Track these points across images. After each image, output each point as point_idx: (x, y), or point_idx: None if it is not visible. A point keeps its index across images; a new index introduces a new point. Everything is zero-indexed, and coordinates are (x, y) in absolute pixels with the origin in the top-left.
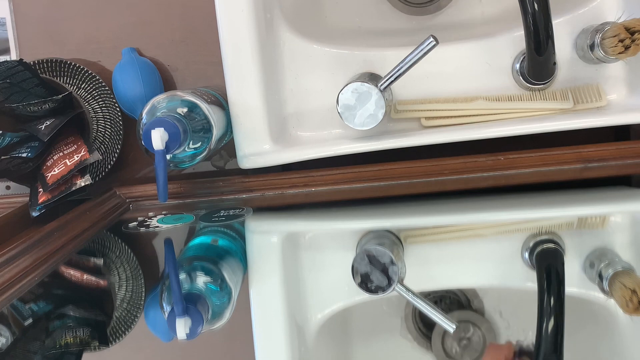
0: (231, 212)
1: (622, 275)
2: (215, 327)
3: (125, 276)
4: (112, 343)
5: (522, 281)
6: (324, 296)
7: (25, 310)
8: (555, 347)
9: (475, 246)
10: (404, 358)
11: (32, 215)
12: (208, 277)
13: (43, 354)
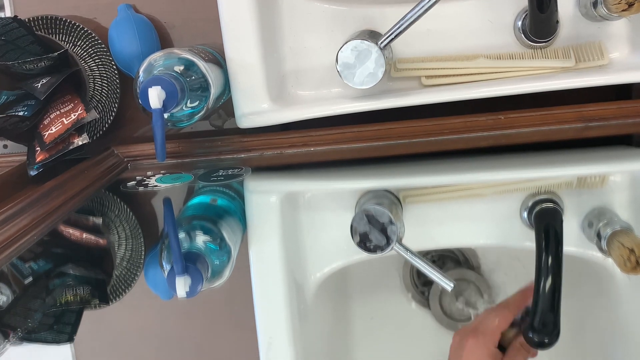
0: (230, 172)
1: (620, 234)
2: (215, 285)
3: (124, 235)
4: (112, 301)
5: (521, 240)
6: (323, 255)
7: (25, 269)
8: (552, 305)
9: (474, 206)
10: (402, 315)
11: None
12: (207, 236)
13: (44, 311)
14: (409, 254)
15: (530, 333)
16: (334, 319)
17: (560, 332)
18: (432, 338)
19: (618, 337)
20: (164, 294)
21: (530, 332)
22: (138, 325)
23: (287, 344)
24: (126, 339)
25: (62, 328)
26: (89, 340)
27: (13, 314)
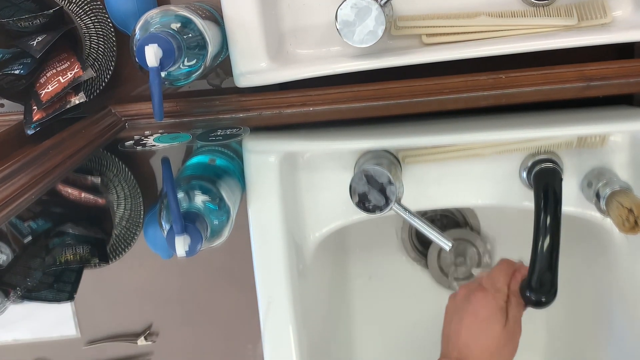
0: (228, 132)
1: (619, 194)
2: (215, 245)
3: (123, 195)
4: (112, 260)
5: (519, 200)
6: (321, 215)
7: (24, 228)
8: (550, 264)
9: (473, 166)
10: (401, 275)
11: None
12: (206, 196)
13: (44, 270)
14: (407, 214)
15: (527, 292)
16: (333, 278)
17: (557, 291)
18: (429, 296)
19: (615, 296)
20: (163, 253)
21: (527, 290)
22: (138, 284)
23: (287, 302)
24: (126, 298)
25: (63, 287)
26: (90, 298)
27: (13, 273)
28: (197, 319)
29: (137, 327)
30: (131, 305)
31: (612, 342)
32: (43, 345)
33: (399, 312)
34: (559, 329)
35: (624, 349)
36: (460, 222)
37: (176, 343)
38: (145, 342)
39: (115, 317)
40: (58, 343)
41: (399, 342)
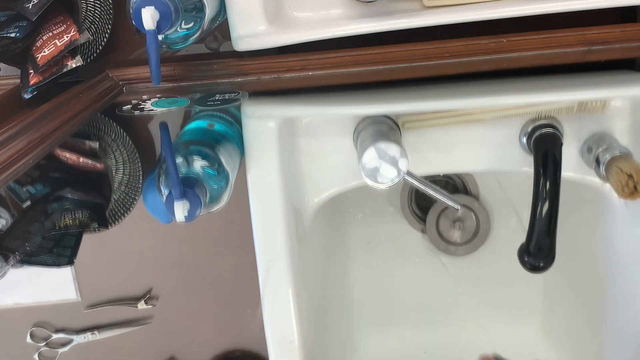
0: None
1: (619, 159)
2: (214, 210)
3: (122, 159)
4: (111, 225)
5: (519, 166)
6: (320, 180)
7: (23, 193)
8: (548, 230)
9: (473, 131)
10: (399, 240)
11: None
12: (205, 161)
13: (43, 235)
14: (416, 182)
15: (525, 257)
16: (332, 243)
17: (555, 257)
18: (427, 261)
19: (613, 261)
20: (163, 218)
21: (525, 255)
22: (138, 249)
23: (286, 267)
24: (126, 262)
25: (62, 251)
26: (90, 263)
27: (12, 238)
28: (197, 283)
29: (137, 291)
30: (131, 269)
31: (610, 307)
32: (44, 308)
33: (396, 276)
34: (557, 293)
35: (622, 314)
36: (460, 187)
37: (176, 307)
38: (146, 305)
39: (115, 281)
40: (59, 307)
41: (397, 306)
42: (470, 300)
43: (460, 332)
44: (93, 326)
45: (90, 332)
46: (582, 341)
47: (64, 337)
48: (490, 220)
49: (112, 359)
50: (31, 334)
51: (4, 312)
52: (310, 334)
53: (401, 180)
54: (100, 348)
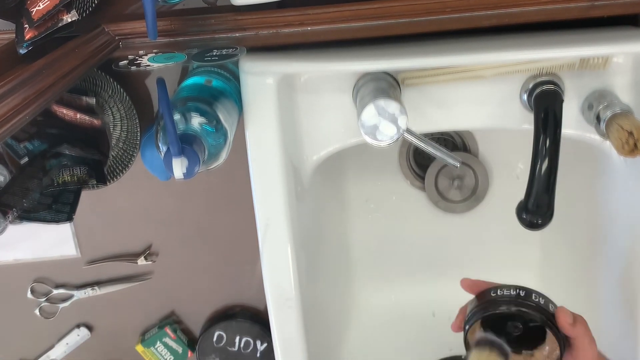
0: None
1: (620, 117)
2: (212, 167)
3: (119, 116)
4: (110, 181)
5: (519, 123)
6: (319, 138)
7: (20, 149)
8: (547, 187)
9: (474, 88)
10: (398, 197)
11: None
12: (203, 118)
13: (41, 191)
14: (416, 139)
15: (524, 214)
16: (331, 201)
17: (553, 214)
18: (426, 218)
19: (611, 218)
20: (161, 175)
21: (524, 213)
22: (137, 205)
23: (284, 224)
24: (125, 219)
25: (61, 208)
26: (89, 219)
27: (11, 194)
28: (196, 239)
29: (137, 248)
30: (130, 226)
31: (606, 263)
32: (44, 264)
33: (395, 233)
34: (554, 250)
35: (618, 270)
36: (459, 145)
37: (176, 263)
38: (145, 262)
39: (115, 238)
40: (58, 262)
41: (395, 263)
42: (468, 256)
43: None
44: (93, 282)
45: (90, 287)
46: (579, 297)
47: (65, 293)
48: (489, 177)
49: (113, 314)
50: (32, 289)
51: (4, 268)
52: (309, 290)
53: (400, 137)
54: (100, 303)
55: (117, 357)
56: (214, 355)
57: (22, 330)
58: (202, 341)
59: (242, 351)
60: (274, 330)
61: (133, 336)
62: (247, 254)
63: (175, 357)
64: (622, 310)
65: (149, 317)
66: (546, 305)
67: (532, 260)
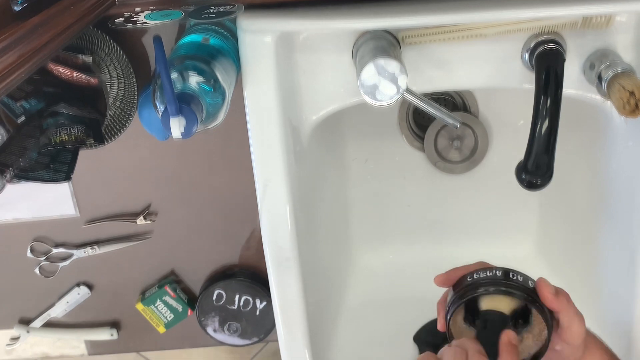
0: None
1: (622, 76)
2: (210, 127)
3: (116, 74)
4: (107, 141)
5: (520, 82)
6: (318, 98)
7: (17, 108)
8: (547, 147)
9: (475, 47)
10: (397, 158)
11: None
12: (200, 76)
13: (39, 150)
14: (416, 99)
15: (523, 174)
16: (330, 161)
17: (553, 174)
18: (425, 179)
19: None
20: (159, 134)
21: (523, 173)
22: (135, 165)
23: (283, 185)
24: (124, 178)
25: (59, 167)
26: (87, 179)
27: (8, 153)
28: (196, 199)
29: (136, 207)
30: (129, 185)
31: (605, 225)
32: (43, 224)
33: (394, 194)
34: (553, 211)
35: (617, 233)
36: (459, 104)
37: (175, 222)
38: (145, 221)
39: (114, 197)
40: (58, 222)
41: (394, 223)
42: (466, 217)
43: (457, 248)
44: (93, 241)
45: (90, 246)
46: (576, 259)
47: (64, 252)
48: (489, 138)
49: (113, 273)
50: (31, 248)
51: (3, 227)
52: (307, 250)
53: (400, 97)
54: (100, 262)
55: (117, 315)
56: (213, 313)
57: (22, 289)
58: (202, 299)
59: (241, 309)
60: (273, 289)
61: (133, 295)
62: (246, 214)
63: (175, 315)
64: (620, 273)
65: (149, 276)
66: (525, 282)
67: (530, 221)
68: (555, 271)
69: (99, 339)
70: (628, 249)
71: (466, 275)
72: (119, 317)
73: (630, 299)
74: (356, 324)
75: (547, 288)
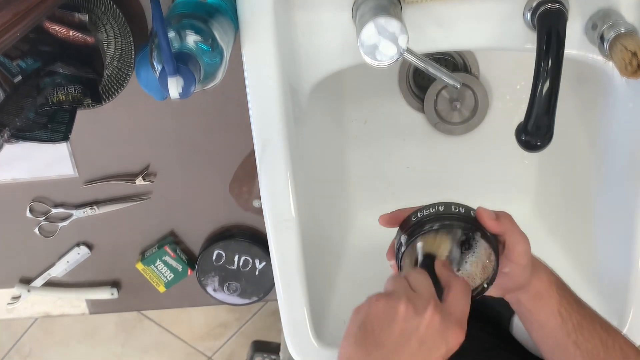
0: None
1: (624, 37)
2: (209, 87)
3: (113, 33)
4: (105, 101)
5: (521, 42)
6: (317, 58)
7: (13, 67)
8: (548, 108)
9: (476, 6)
10: (396, 119)
11: None
12: (198, 35)
13: (36, 110)
14: (416, 59)
15: (523, 135)
16: (328, 122)
17: (553, 136)
18: (425, 140)
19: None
20: (157, 94)
21: (523, 134)
22: (133, 125)
23: (282, 146)
24: (122, 139)
25: (57, 127)
26: (86, 139)
27: (5, 113)
28: (195, 160)
29: (135, 168)
30: (127, 146)
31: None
32: (42, 184)
33: (394, 155)
34: (551, 173)
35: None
36: (460, 65)
37: (174, 183)
38: (143, 182)
39: (112, 158)
40: (56, 182)
41: (393, 185)
42: (466, 178)
43: None
44: (92, 201)
45: (89, 207)
46: (574, 220)
47: (63, 212)
48: (489, 99)
49: (112, 233)
50: (30, 208)
51: (2, 187)
52: (307, 211)
53: (401, 57)
54: (99, 222)
55: (117, 275)
56: (213, 273)
57: (22, 249)
58: (202, 259)
59: (241, 269)
60: (272, 250)
61: (133, 255)
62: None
63: (175, 275)
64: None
65: (149, 237)
66: (467, 212)
67: (528, 182)
68: (552, 232)
69: (100, 298)
70: (626, 210)
71: (411, 215)
72: (119, 276)
73: (627, 260)
74: (354, 283)
75: (487, 213)
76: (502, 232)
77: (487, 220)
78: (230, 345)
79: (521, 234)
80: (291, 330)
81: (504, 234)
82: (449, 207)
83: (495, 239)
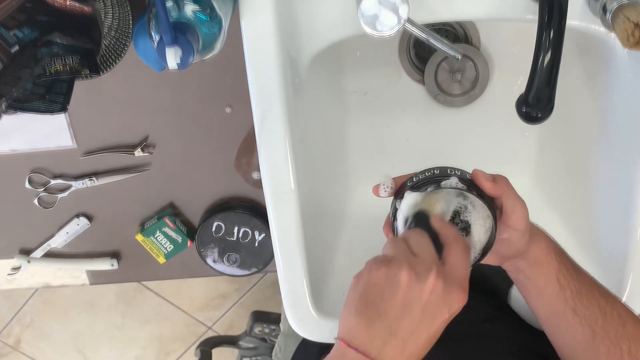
0: None
1: (627, 8)
2: (207, 58)
3: (110, 3)
4: (103, 71)
5: (523, 13)
6: (317, 28)
7: (10, 37)
8: (549, 80)
9: None
10: (396, 90)
11: None
12: (196, 5)
13: (34, 81)
14: (417, 30)
15: (524, 107)
16: (328, 94)
17: (553, 108)
18: (425, 112)
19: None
20: (155, 65)
21: (524, 106)
22: (132, 96)
23: (281, 117)
24: (121, 110)
25: (55, 98)
26: (84, 110)
27: (2, 83)
28: (194, 131)
29: (134, 139)
30: (126, 117)
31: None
32: (40, 155)
33: (393, 126)
34: (551, 145)
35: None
36: (461, 36)
37: (173, 154)
38: (142, 153)
39: (111, 129)
40: (55, 153)
41: (393, 156)
42: (466, 150)
43: None
44: (91, 172)
45: (88, 178)
46: (573, 191)
47: (62, 183)
48: (490, 70)
49: (112, 204)
50: (29, 179)
51: (1, 158)
52: (306, 183)
53: (401, 28)
54: (99, 194)
55: (117, 246)
56: (213, 244)
57: (22, 220)
58: (201, 231)
59: (240, 241)
60: (271, 221)
61: (132, 226)
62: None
63: (175, 246)
64: (617, 206)
65: (148, 208)
66: (463, 175)
67: (528, 154)
68: (552, 203)
69: (100, 269)
70: (625, 181)
71: (406, 181)
72: (119, 247)
73: (626, 232)
74: (354, 254)
75: (483, 175)
76: (499, 195)
77: (483, 182)
78: (230, 315)
79: (518, 198)
80: (291, 301)
81: (501, 197)
82: (445, 170)
83: (493, 203)
